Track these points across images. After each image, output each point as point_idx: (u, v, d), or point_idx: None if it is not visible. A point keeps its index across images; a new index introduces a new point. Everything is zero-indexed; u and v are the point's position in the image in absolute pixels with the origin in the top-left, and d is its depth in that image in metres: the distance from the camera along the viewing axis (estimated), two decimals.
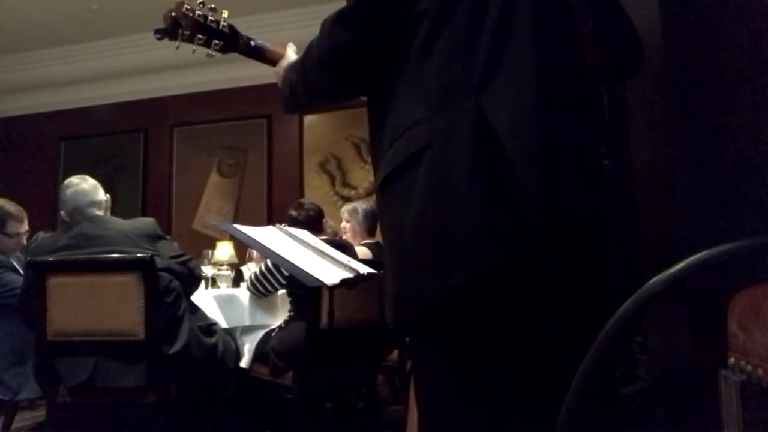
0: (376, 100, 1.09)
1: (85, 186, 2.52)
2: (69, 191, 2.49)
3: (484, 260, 0.90)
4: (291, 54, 1.34)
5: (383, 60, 1.04)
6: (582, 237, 0.97)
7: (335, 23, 1.05)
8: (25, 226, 3.07)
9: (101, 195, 2.55)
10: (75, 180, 2.54)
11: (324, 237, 2.85)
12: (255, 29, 1.44)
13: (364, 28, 1.03)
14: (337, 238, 3.27)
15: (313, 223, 2.97)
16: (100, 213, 2.51)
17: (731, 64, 1.28)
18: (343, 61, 1.06)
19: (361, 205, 3.42)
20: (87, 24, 5.37)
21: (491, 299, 0.93)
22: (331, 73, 1.09)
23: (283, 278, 2.67)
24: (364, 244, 3.25)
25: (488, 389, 0.95)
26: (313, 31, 1.11)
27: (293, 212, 3.04)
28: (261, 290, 2.78)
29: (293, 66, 1.21)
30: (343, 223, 3.42)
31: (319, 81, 1.12)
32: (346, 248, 2.68)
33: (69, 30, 5.50)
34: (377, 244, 3.23)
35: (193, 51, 1.37)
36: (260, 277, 2.75)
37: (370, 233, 3.35)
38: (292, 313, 2.71)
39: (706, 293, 0.98)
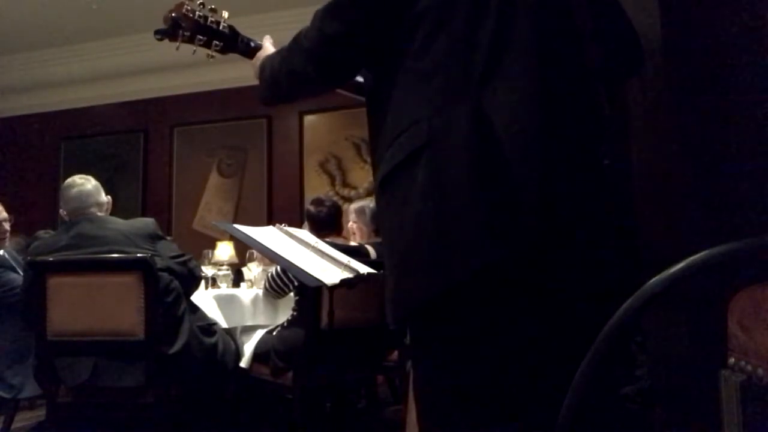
0: (376, 99, 1.09)
1: (89, 186, 2.53)
2: (72, 191, 2.50)
3: (482, 259, 0.90)
4: (269, 46, 1.33)
5: (370, 56, 1.04)
6: (581, 236, 0.97)
7: (327, 14, 1.06)
8: (2, 213, 3.07)
9: (103, 196, 2.56)
10: (78, 180, 2.55)
11: (341, 241, 2.85)
12: (255, 29, 1.44)
13: (355, 23, 1.04)
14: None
15: (334, 219, 2.98)
16: (101, 213, 2.51)
17: (731, 64, 1.28)
18: (330, 52, 1.07)
19: (368, 205, 3.36)
20: (87, 24, 5.37)
21: (490, 298, 0.93)
22: (317, 62, 1.09)
23: (296, 280, 2.67)
24: (367, 244, 3.24)
25: (487, 389, 0.95)
26: None
27: (312, 208, 3.04)
28: (277, 291, 2.79)
29: (277, 53, 1.21)
30: (350, 224, 3.39)
31: (304, 69, 1.12)
32: (360, 254, 2.68)
33: (69, 30, 5.49)
34: (380, 243, 3.20)
35: (194, 52, 1.37)
36: (276, 278, 2.75)
37: (377, 233, 3.33)
38: (295, 313, 2.70)
39: (706, 293, 0.98)
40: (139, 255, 2.27)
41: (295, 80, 1.17)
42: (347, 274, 2.21)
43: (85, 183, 2.53)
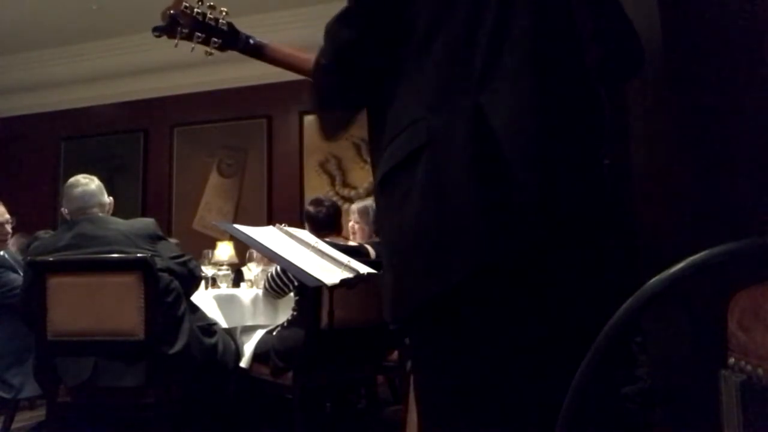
0: (375, 98, 1.09)
1: (92, 186, 2.53)
2: (75, 190, 2.50)
3: (481, 259, 0.90)
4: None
5: (385, 58, 1.04)
6: (581, 236, 0.97)
7: (337, 23, 1.05)
8: (4, 215, 3.08)
9: (106, 197, 2.57)
10: (82, 179, 2.55)
11: (341, 241, 2.84)
12: (255, 29, 1.44)
13: (366, 26, 1.04)
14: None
15: (333, 219, 2.97)
16: (102, 214, 2.51)
17: (731, 65, 1.28)
18: (347, 60, 1.06)
19: (372, 205, 3.36)
20: (87, 24, 5.37)
21: (490, 298, 0.93)
22: (336, 73, 1.08)
23: (296, 280, 2.67)
24: (367, 244, 3.24)
25: (488, 389, 0.95)
26: (313, 32, 1.11)
27: (311, 209, 3.04)
28: (277, 291, 2.79)
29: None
30: (352, 223, 3.38)
31: (325, 84, 1.12)
32: (360, 254, 2.68)
33: (69, 30, 5.50)
34: (379, 243, 3.19)
35: (192, 49, 1.36)
36: (276, 278, 2.76)
37: (378, 234, 3.32)
38: (295, 313, 2.70)
39: (706, 293, 0.98)
40: (139, 255, 2.27)
41: (321, 99, 1.16)
42: (347, 274, 2.22)
43: (89, 183, 2.54)
